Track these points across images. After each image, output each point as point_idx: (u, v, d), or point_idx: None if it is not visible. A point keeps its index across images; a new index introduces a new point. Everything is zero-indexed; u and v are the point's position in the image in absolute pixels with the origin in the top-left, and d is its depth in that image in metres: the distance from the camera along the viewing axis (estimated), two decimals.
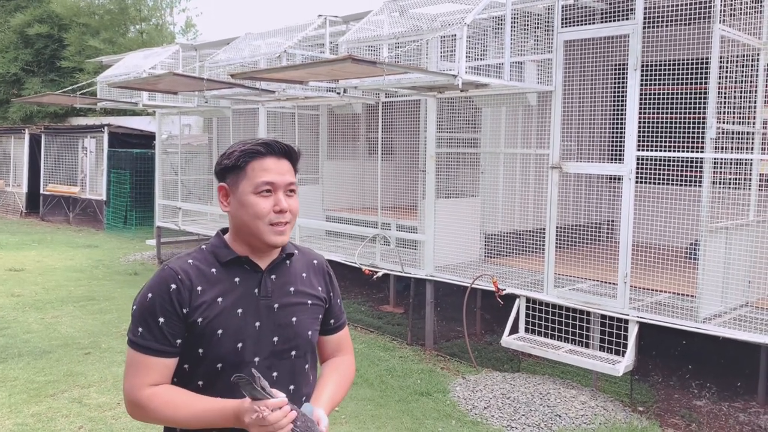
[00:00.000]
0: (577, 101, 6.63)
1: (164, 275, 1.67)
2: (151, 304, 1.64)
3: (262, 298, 1.71)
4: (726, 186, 4.78)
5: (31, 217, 15.99)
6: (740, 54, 4.77)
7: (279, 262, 1.77)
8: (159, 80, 6.44)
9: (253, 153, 1.71)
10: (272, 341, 1.70)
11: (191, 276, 1.67)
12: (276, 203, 1.69)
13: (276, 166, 1.71)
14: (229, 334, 1.65)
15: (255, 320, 1.69)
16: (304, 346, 1.76)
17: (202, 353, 1.65)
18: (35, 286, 8.55)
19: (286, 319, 1.73)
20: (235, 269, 1.71)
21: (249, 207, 1.68)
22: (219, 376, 1.65)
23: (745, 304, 5.05)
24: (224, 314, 1.66)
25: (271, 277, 1.74)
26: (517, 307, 5.59)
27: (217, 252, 1.73)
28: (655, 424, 4.67)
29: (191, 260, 1.71)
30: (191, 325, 1.64)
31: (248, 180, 1.69)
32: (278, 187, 1.70)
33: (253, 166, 1.70)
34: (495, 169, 6.75)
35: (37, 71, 20.89)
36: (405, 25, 5.48)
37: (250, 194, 1.69)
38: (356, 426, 4.60)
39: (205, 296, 1.66)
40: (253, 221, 1.68)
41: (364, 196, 8.96)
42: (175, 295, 1.63)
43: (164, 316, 1.63)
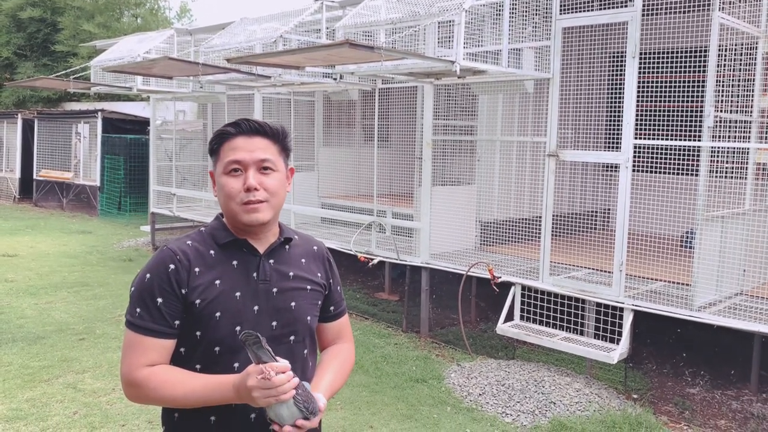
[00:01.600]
0: (575, 89, 6.61)
1: (163, 256, 1.66)
2: (150, 285, 1.63)
3: (260, 282, 1.69)
4: (722, 175, 4.78)
5: (24, 202, 15.90)
6: (739, 42, 4.75)
7: (277, 247, 1.76)
8: (154, 64, 6.38)
9: (224, 134, 1.70)
10: (271, 325, 1.69)
11: (189, 257, 1.65)
12: (244, 181, 1.67)
13: (245, 144, 1.68)
14: (227, 317, 1.64)
15: (253, 304, 1.67)
16: (303, 330, 1.75)
17: (199, 336, 1.63)
18: (29, 271, 8.51)
19: (285, 304, 1.72)
20: (233, 252, 1.70)
21: (222, 188, 1.69)
22: (217, 360, 1.64)
23: (740, 292, 5.07)
24: (222, 297, 1.64)
25: (269, 262, 1.73)
26: (512, 295, 5.59)
27: (215, 234, 1.72)
28: (648, 411, 4.69)
29: (190, 241, 1.70)
30: (189, 306, 1.63)
31: (221, 161, 1.70)
32: (247, 164, 1.67)
33: (224, 147, 1.69)
34: (491, 157, 6.73)
35: (30, 55, 20.69)
36: (402, 11, 5.43)
37: (222, 175, 1.69)
38: (351, 412, 4.61)
39: (203, 278, 1.64)
40: (227, 202, 1.68)
41: (360, 183, 8.94)
42: (174, 275, 1.62)
43: (162, 297, 1.62)
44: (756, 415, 4.69)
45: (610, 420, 4.45)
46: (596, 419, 4.49)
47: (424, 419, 4.53)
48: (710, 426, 4.58)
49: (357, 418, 4.51)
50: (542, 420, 4.53)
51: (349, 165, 8.99)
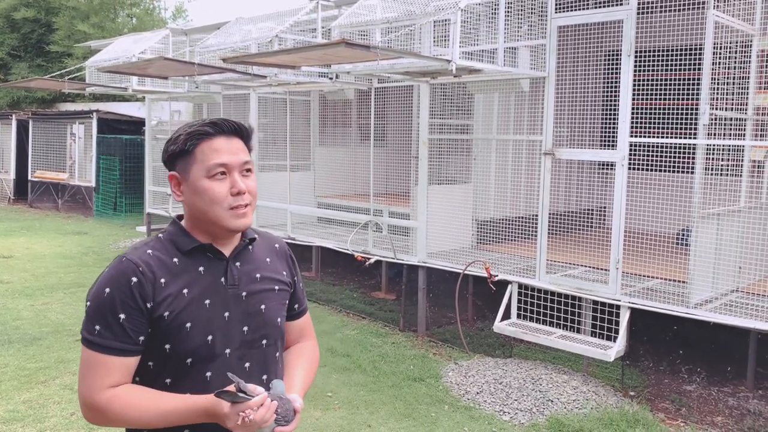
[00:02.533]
0: (570, 87, 6.62)
1: (123, 268, 1.54)
2: (110, 300, 1.51)
3: (229, 287, 1.62)
4: (718, 172, 4.79)
5: (19, 203, 15.85)
6: (733, 40, 4.77)
7: (242, 249, 1.69)
8: (149, 65, 6.36)
9: (201, 134, 1.59)
10: (242, 331, 1.63)
11: (153, 268, 1.55)
12: (232, 185, 1.58)
13: (227, 145, 1.60)
14: (198, 326, 1.56)
15: (224, 310, 1.60)
16: (274, 333, 1.70)
17: (169, 349, 1.54)
18: (24, 273, 8.48)
19: (255, 307, 1.65)
20: (198, 258, 1.61)
21: (204, 193, 1.57)
22: (188, 372, 1.56)
23: (736, 289, 5.09)
24: (192, 306, 1.56)
25: (236, 265, 1.66)
26: (509, 293, 5.60)
27: (176, 240, 1.62)
28: (645, 408, 4.71)
29: (150, 250, 1.59)
30: (156, 321, 1.53)
31: (199, 164, 1.58)
32: (232, 167, 1.59)
33: (203, 149, 1.58)
34: (487, 156, 6.74)
35: (24, 56, 20.62)
36: (398, 10, 5.43)
37: (203, 179, 1.58)
38: (349, 411, 4.61)
39: (170, 288, 1.55)
40: (211, 207, 1.58)
41: (356, 182, 8.94)
42: (137, 289, 1.51)
43: (125, 312, 1.51)
44: (752, 412, 4.71)
45: (608, 417, 4.47)
46: (593, 417, 4.50)
47: (422, 418, 4.54)
48: (707, 423, 4.59)
49: (355, 417, 4.52)
50: (540, 418, 4.54)
51: (345, 164, 8.99)
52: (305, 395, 1.73)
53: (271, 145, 8.95)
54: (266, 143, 8.91)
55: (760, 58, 5.00)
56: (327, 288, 8.02)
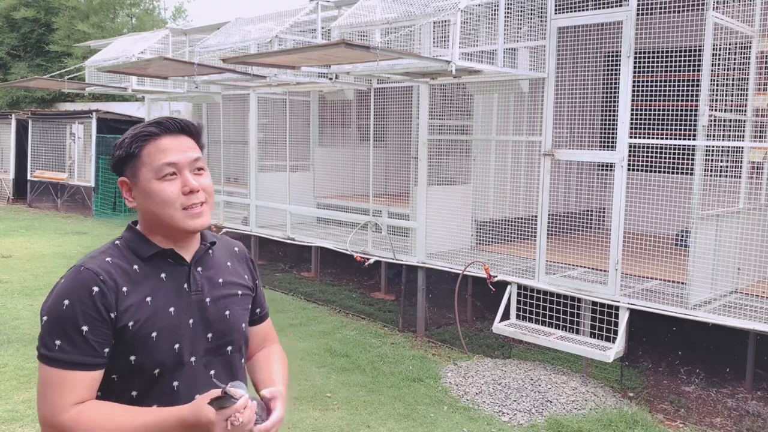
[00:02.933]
0: (570, 88, 6.63)
1: (82, 278, 1.46)
2: (70, 312, 1.43)
3: (193, 293, 1.57)
4: (717, 174, 4.80)
5: (19, 203, 15.84)
6: (733, 42, 4.78)
7: (203, 253, 1.63)
8: (149, 65, 6.37)
9: (146, 135, 1.53)
10: (206, 338, 1.58)
11: (114, 276, 1.48)
12: (184, 184, 1.53)
13: (175, 144, 1.54)
14: (165, 335, 1.50)
15: (188, 317, 1.55)
16: (239, 339, 1.65)
17: (135, 360, 1.47)
18: (24, 272, 8.48)
19: (220, 314, 1.60)
20: (159, 264, 1.55)
21: (155, 195, 1.52)
22: (156, 383, 1.50)
23: (735, 290, 5.09)
24: (157, 315, 1.50)
25: (197, 270, 1.60)
26: (508, 294, 5.61)
27: (135, 247, 1.56)
28: (644, 409, 4.71)
29: (109, 258, 1.51)
30: (120, 331, 1.46)
31: (147, 166, 1.52)
32: (182, 166, 1.53)
33: (149, 150, 1.53)
34: (486, 156, 6.75)
35: (24, 56, 20.62)
36: (397, 11, 5.44)
37: (152, 181, 1.52)
38: (348, 412, 4.61)
39: (132, 297, 1.48)
40: (164, 210, 1.52)
41: (355, 183, 8.94)
42: (100, 299, 1.44)
43: (88, 324, 1.43)
44: (751, 413, 4.71)
45: (607, 418, 4.47)
46: (592, 418, 4.50)
47: (421, 418, 4.54)
48: (706, 424, 4.60)
49: (354, 418, 4.52)
50: (539, 419, 4.54)
51: (344, 165, 8.99)
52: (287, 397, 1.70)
53: (271, 146, 8.95)
54: (266, 144, 8.91)
55: (759, 59, 5.01)
56: (326, 288, 8.03)
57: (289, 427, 4.37)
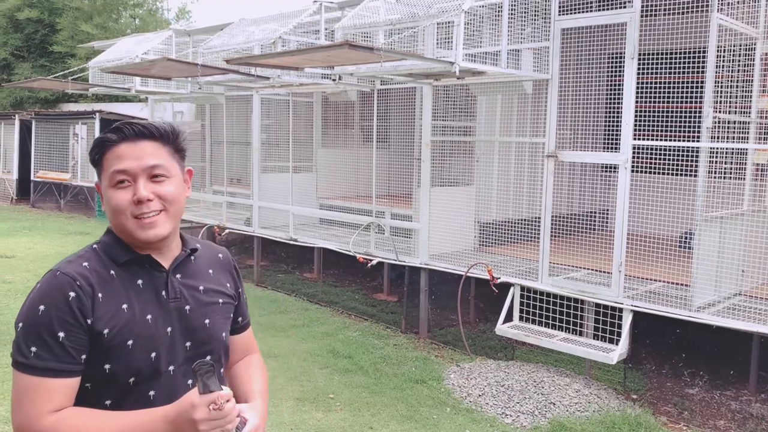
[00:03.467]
0: (573, 90, 6.62)
1: (58, 283, 1.43)
2: (46, 318, 1.39)
3: (171, 301, 1.53)
4: (721, 176, 4.79)
5: (22, 203, 15.87)
6: (737, 43, 4.76)
7: (183, 260, 1.59)
8: (152, 65, 6.37)
9: (105, 142, 1.51)
10: (185, 347, 1.54)
11: (91, 281, 1.44)
12: (134, 192, 1.48)
13: (131, 151, 1.49)
14: (141, 344, 1.46)
15: (166, 325, 1.51)
16: (218, 348, 1.61)
17: (109, 369, 1.44)
18: (27, 273, 8.49)
19: (199, 322, 1.57)
20: (136, 270, 1.52)
21: (109, 202, 1.50)
22: (130, 392, 1.47)
23: (739, 293, 5.08)
24: (133, 322, 1.46)
25: (176, 277, 1.57)
26: (511, 296, 5.60)
27: (112, 252, 1.52)
28: (648, 411, 4.70)
29: (86, 263, 1.48)
30: (96, 338, 1.42)
31: (105, 173, 1.51)
32: (135, 173, 1.48)
33: (108, 157, 1.50)
34: (490, 158, 6.74)
35: (28, 56, 20.67)
36: (401, 12, 5.44)
37: (108, 188, 1.50)
38: (351, 413, 4.60)
39: (108, 304, 1.45)
40: (117, 218, 1.50)
41: (358, 184, 8.94)
42: (76, 304, 1.40)
43: (64, 330, 1.39)
44: (755, 416, 4.70)
45: (610, 420, 4.46)
46: (596, 420, 4.49)
47: (424, 420, 4.53)
48: (709, 426, 4.58)
49: (357, 420, 4.51)
50: (542, 421, 4.53)
51: (347, 166, 8.99)
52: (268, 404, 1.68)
53: (274, 147, 8.96)
54: (269, 144, 8.92)
55: (763, 61, 5.00)
56: (329, 289, 8.02)
57: (292, 429, 4.37)
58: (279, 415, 4.53)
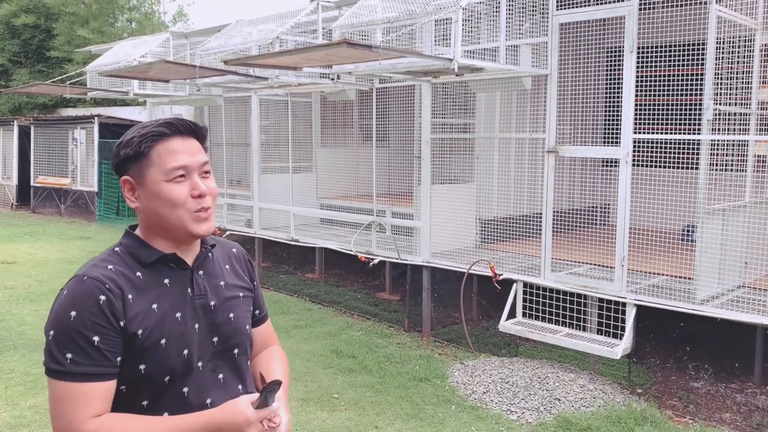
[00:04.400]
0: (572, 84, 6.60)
1: (86, 287, 1.43)
2: (79, 323, 1.40)
3: (197, 298, 1.56)
4: (722, 168, 4.77)
5: (22, 209, 15.86)
6: (736, 35, 4.75)
7: (203, 257, 1.62)
8: (150, 68, 6.36)
9: (157, 135, 1.51)
10: (212, 342, 1.57)
11: (119, 284, 1.45)
12: (193, 187, 1.51)
13: (185, 146, 1.52)
14: (173, 342, 1.48)
15: (194, 322, 1.54)
16: (244, 342, 1.64)
17: (145, 369, 1.45)
18: (28, 278, 8.48)
19: (224, 317, 1.60)
20: (162, 270, 1.53)
21: (164, 197, 1.49)
22: (166, 391, 1.48)
23: (742, 285, 5.07)
24: (164, 321, 1.48)
25: (199, 274, 1.59)
26: (514, 292, 5.58)
27: (136, 253, 1.53)
28: (653, 406, 4.68)
29: (111, 266, 1.48)
30: (130, 339, 1.44)
31: (157, 166, 1.50)
32: (192, 169, 1.52)
33: (159, 151, 1.50)
34: (490, 155, 6.73)
35: (25, 62, 20.65)
36: (398, 10, 5.42)
37: (162, 182, 1.49)
38: (356, 412, 4.59)
39: (139, 305, 1.46)
40: (173, 212, 1.50)
41: (358, 183, 8.93)
42: (107, 308, 1.41)
43: (99, 334, 1.40)
44: (761, 408, 4.68)
45: (615, 415, 4.45)
46: (601, 415, 4.48)
47: (429, 418, 4.52)
48: (715, 419, 4.57)
49: (362, 419, 4.50)
50: (547, 417, 4.52)
51: (347, 165, 8.98)
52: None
53: (273, 147, 8.94)
54: (268, 145, 8.90)
55: (763, 52, 4.98)
56: (331, 289, 8.01)
57: (297, 429, 4.36)
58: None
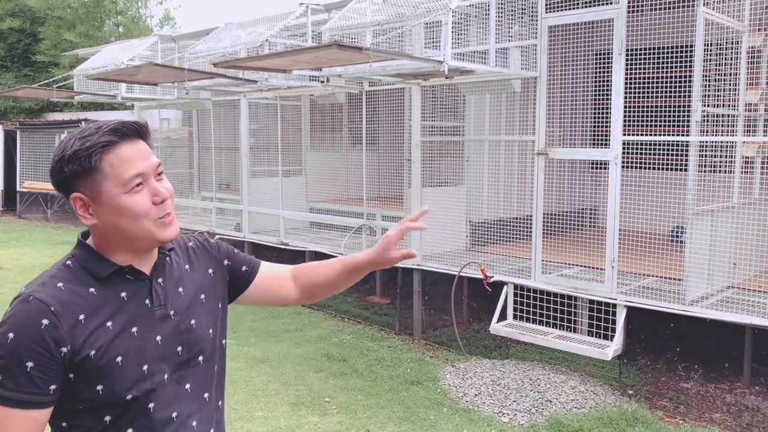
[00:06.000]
0: (561, 87, 6.63)
1: (30, 310, 1.33)
2: (15, 347, 1.31)
3: (156, 309, 1.48)
4: (711, 169, 4.81)
5: (8, 214, 15.70)
6: (723, 38, 4.79)
7: (161, 263, 1.53)
8: (138, 71, 6.32)
9: (105, 144, 1.38)
10: (176, 352, 1.50)
11: (68, 304, 1.36)
12: (154, 193, 1.42)
13: (136, 151, 1.41)
14: (131, 358, 1.41)
15: (155, 334, 1.46)
16: (209, 347, 1.57)
17: (102, 390, 1.38)
18: (15, 284, 8.39)
19: (186, 324, 1.52)
20: (118, 283, 1.45)
21: (126, 210, 1.40)
22: (129, 408, 1.42)
23: (731, 286, 5.10)
24: (119, 338, 1.40)
25: (158, 282, 1.51)
26: (504, 294, 5.59)
27: (90, 266, 1.44)
28: (644, 406, 4.70)
29: (61, 283, 1.39)
30: (81, 363, 1.35)
31: (112, 179, 1.39)
32: (148, 175, 1.42)
33: (111, 161, 1.38)
34: (479, 157, 6.74)
35: (11, 66, 20.46)
36: (388, 13, 5.42)
37: (121, 195, 1.39)
38: (347, 416, 4.57)
39: (91, 325, 1.37)
40: (137, 223, 1.41)
41: (348, 187, 8.91)
42: (49, 333, 1.32)
43: (34, 360, 1.31)
44: (750, 407, 4.71)
45: (607, 416, 4.45)
46: (593, 416, 4.49)
47: (421, 421, 4.50)
48: (705, 420, 4.59)
49: (353, 422, 4.48)
50: (539, 418, 4.52)
51: (337, 169, 8.97)
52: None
53: (262, 151, 8.91)
54: (257, 149, 8.87)
55: (749, 54, 5.03)
56: None
57: None
58: (275, 420, 4.49)
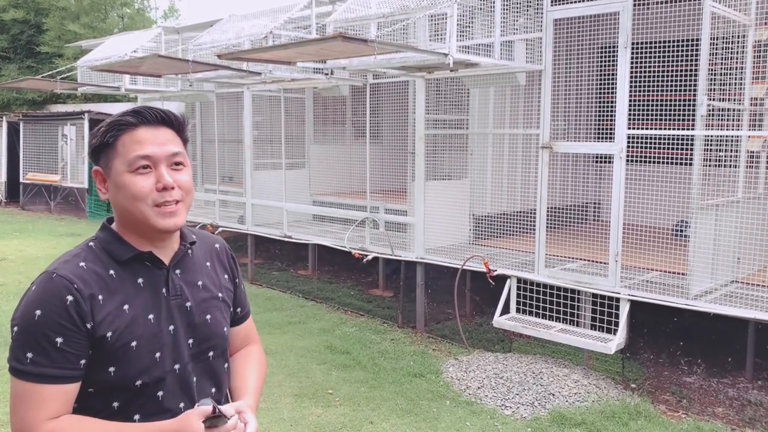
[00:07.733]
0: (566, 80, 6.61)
1: (54, 286, 1.37)
2: (43, 323, 1.35)
3: (172, 298, 1.50)
4: (716, 163, 4.79)
5: (12, 206, 15.73)
6: (729, 31, 4.77)
7: (182, 255, 1.55)
8: (142, 62, 6.31)
9: (122, 125, 1.44)
10: (188, 344, 1.51)
11: (90, 283, 1.39)
12: (158, 179, 1.44)
13: (152, 136, 1.45)
14: (144, 344, 1.43)
15: (169, 324, 1.48)
16: (221, 344, 1.59)
17: (114, 372, 1.40)
18: (18, 275, 8.41)
19: (201, 318, 1.54)
20: (136, 268, 1.47)
21: (125, 188, 1.43)
22: (138, 393, 1.44)
23: (735, 280, 5.09)
24: (135, 323, 1.42)
25: (176, 273, 1.53)
26: (508, 288, 5.59)
27: (111, 249, 1.47)
28: (647, 400, 4.70)
29: (83, 263, 1.42)
30: (99, 342, 1.38)
31: (121, 157, 1.44)
32: (158, 160, 1.44)
33: (124, 141, 1.44)
34: (483, 150, 6.72)
35: (14, 58, 20.45)
36: (392, 5, 5.40)
37: (124, 173, 1.43)
38: (351, 408, 4.58)
39: (109, 306, 1.40)
40: (134, 205, 1.43)
41: (352, 179, 8.91)
42: (74, 309, 1.36)
43: (62, 335, 1.35)
44: (753, 402, 4.71)
45: (610, 410, 4.46)
46: (596, 409, 4.49)
47: (424, 413, 4.52)
48: (708, 414, 4.59)
49: (357, 414, 4.49)
50: (542, 411, 4.52)
51: (340, 162, 8.96)
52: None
53: (266, 144, 8.91)
54: (261, 141, 8.87)
55: (755, 48, 5.00)
56: (324, 286, 7.99)
57: (292, 425, 4.34)
58: (278, 412, 4.51)
